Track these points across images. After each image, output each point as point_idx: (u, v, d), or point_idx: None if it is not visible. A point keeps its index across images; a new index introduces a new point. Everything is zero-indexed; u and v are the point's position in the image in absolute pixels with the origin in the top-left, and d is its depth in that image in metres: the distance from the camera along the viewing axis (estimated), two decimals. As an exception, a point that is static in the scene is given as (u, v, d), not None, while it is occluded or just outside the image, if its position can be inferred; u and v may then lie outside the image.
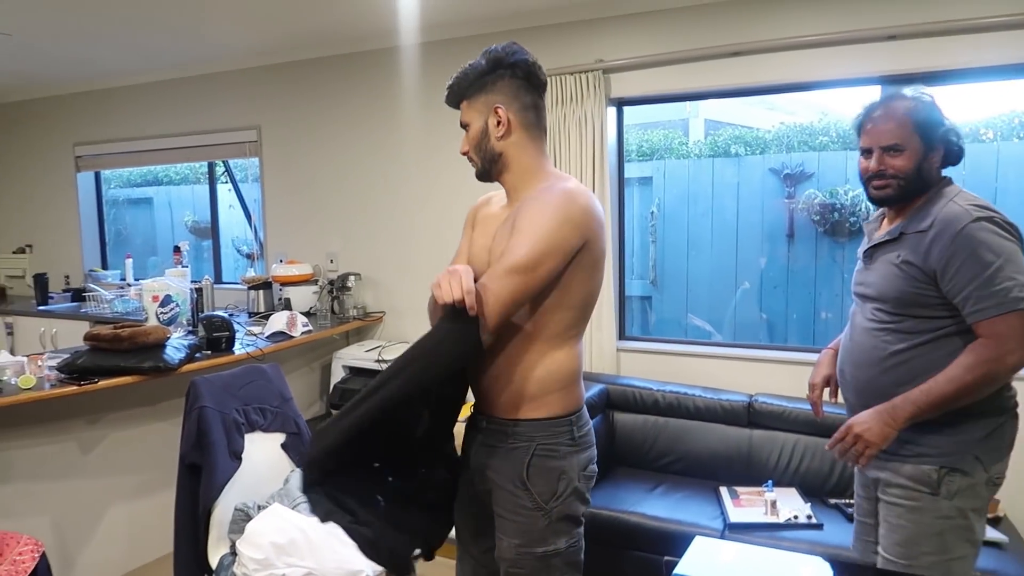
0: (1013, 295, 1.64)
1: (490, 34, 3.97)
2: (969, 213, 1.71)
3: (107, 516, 3.08)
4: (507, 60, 1.61)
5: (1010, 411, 1.80)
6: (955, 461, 1.75)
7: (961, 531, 1.76)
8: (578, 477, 1.61)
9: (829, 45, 3.25)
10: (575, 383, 1.65)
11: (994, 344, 1.66)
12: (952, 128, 1.83)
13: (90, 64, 4.88)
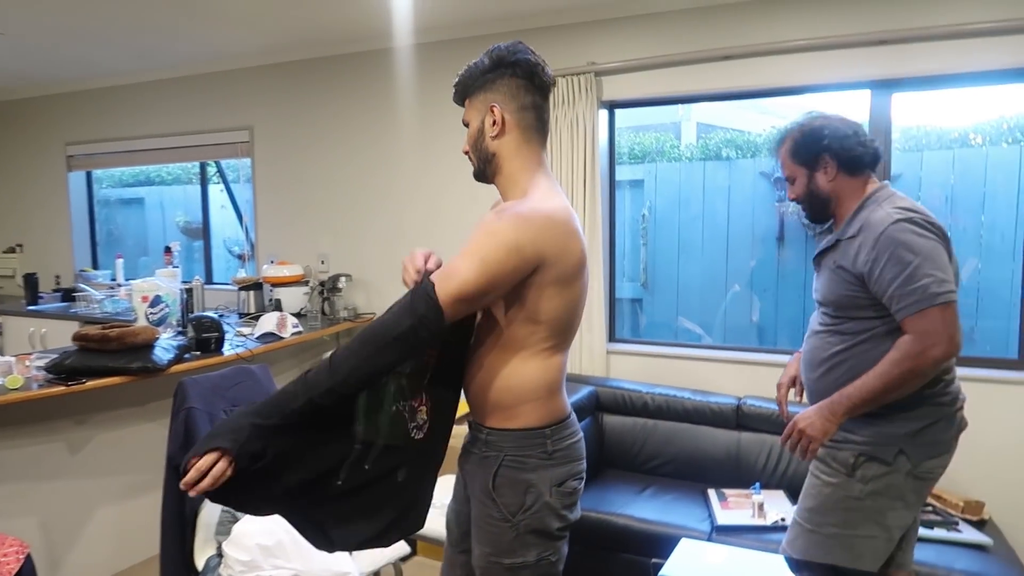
0: (931, 291, 1.73)
1: (483, 36, 3.98)
2: (890, 216, 1.81)
3: (94, 517, 3.07)
4: (509, 59, 1.58)
5: (946, 411, 1.87)
6: (875, 451, 1.86)
7: (870, 512, 1.86)
8: (550, 492, 1.55)
9: (820, 49, 3.27)
10: (552, 395, 1.59)
11: (917, 339, 1.74)
12: (832, 141, 1.94)
13: (82, 63, 4.87)
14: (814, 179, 1.99)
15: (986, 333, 3.42)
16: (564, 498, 1.57)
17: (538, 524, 1.54)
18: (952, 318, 1.74)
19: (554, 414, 1.59)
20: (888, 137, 3.28)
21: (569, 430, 1.62)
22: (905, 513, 1.89)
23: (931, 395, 1.84)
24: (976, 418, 3.11)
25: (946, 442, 1.88)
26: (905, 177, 3.46)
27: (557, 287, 1.51)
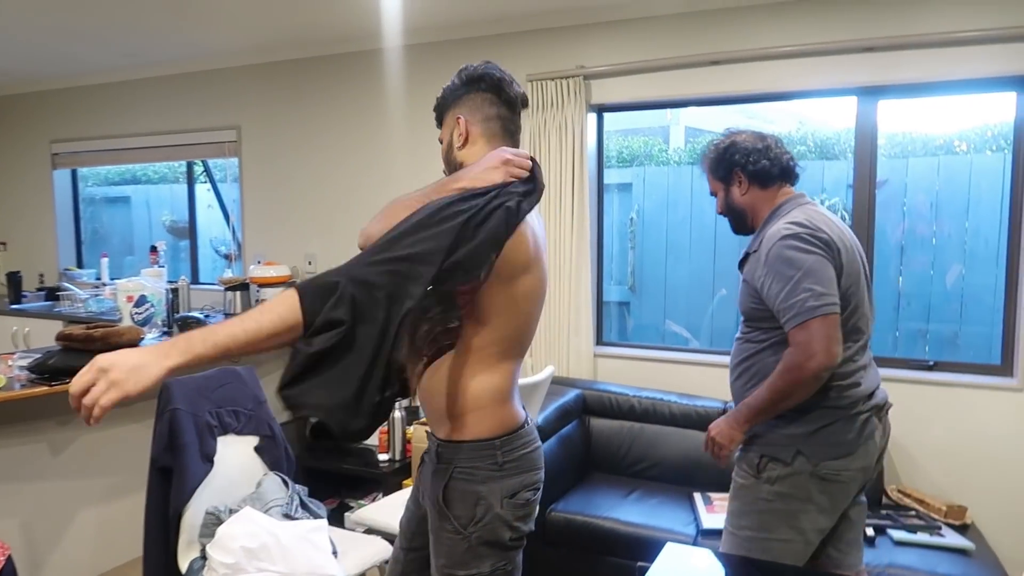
0: (808, 304, 1.80)
1: (472, 38, 3.98)
2: (779, 232, 1.90)
3: (77, 518, 3.04)
4: (475, 75, 1.65)
5: (844, 411, 1.90)
6: (775, 451, 1.92)
7: (781, 515, 1.91)
8: (500, 503, 1.52)
9: (807, 56, 3.29)
10: (502, 405, 1.55)
11: (798, 351, 1.81)
12: (741, 156, 2.06)
13: (69, 61, 4.83)
14: (730, 193, 2.10)
15: (970, 339, 3.45)
16: (516, 509, 1.55)
17: (490, 536, 1.53)
18: (828, 331, 1.80)
19: (505, 424, 1.55)
20: (874, 143, 3.31)
21: (522, 440, 1.58)
22: (819, 516, 1.91)
23: (825, 400, 1.89)
24: (959, 423, 3.15)
25: (847, 443, 1.90)
26: (891, 183, 3.49)
27: (500, 283, 1.47)
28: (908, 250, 3.51)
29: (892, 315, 3.57)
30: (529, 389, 2.50)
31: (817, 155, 4.00)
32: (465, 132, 1.64)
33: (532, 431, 1.63)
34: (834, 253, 1.88)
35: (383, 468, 3.48)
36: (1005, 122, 3.29)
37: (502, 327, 1.53)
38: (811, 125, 4.06)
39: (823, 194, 3.81)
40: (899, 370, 3.26)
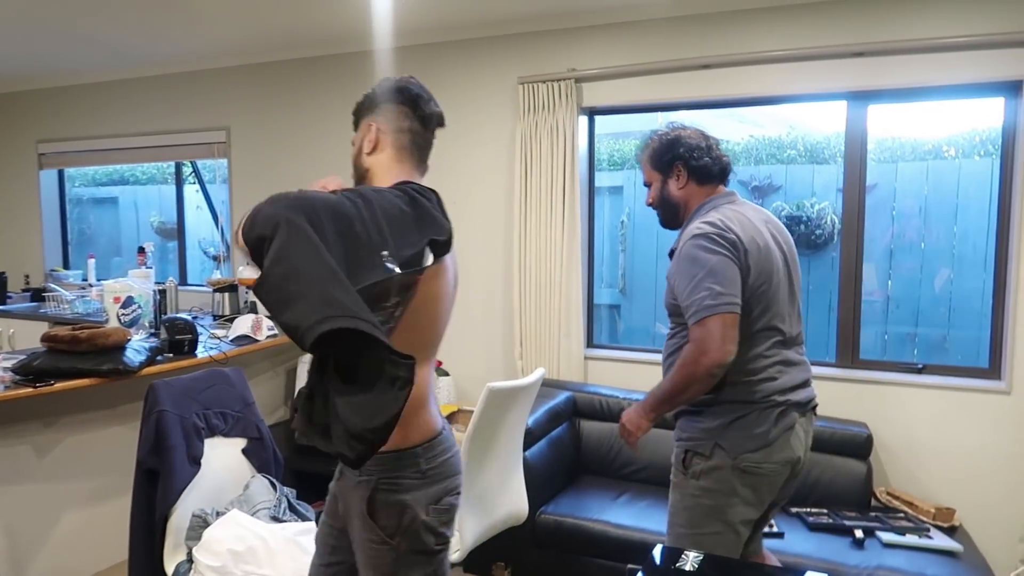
0: (706, 303, 1.87)
1: (464, 40, 3.98)
2: (692, 231, 1.97)
3: (61, 522, 3.00)
4: (395, 87, 1.71)
5: (755, 405, 1.95)
6: (696, 446, 1.99)
7: (708, 509, 1.97)
8: (426, 511, 1.52)
9: (797, 60, 3.30)
10: (419, 412, 1.54)
11: (694, 347, 1.89)
12: (686, 151, 2.09)
13: (56, 60, 4.79)
14: (667, 185, 2.13)
15: (958, 343, 3.47)
16: (440, 515, 1.55)
17: (417, 544, 1.53)
18: (724, 329, 1.85)
19: (424, 432, 1.55)
20: (864, 148, 3.32)
21: (442, 446, 1.58)
22: (745, 508, 1.97)
23: (735, 393, 1.96)
24: (948, 426, 3.17)
25: (763, 436, 1.94)
26: (880, 188, 3.50)
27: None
28: (897, 254, 3.53)
29: (881, 318, 3.59)
30: (519, 391, 2.49)
31: (807, 159, 4.01)
32: (375, 139, 1.67)
33: (450, 436, 1.63)
34: (740, 254, 1.92)
35: (372, 471, 3.46)
36: (993, 127, 3.31)
37: (415, 332, 1.50)
38: (801, 129, 4.08)
39: (813, 198, 3.82)
40: (888, 373, 3.27)
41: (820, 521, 2.83)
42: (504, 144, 3.92)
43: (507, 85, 3.87)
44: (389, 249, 1.31)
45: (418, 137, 1.70)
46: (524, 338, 3.82)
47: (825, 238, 3.79)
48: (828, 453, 3.09)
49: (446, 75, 4.05)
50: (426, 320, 1.53)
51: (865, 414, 3.24)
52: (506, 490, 2.63)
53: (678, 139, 2.11)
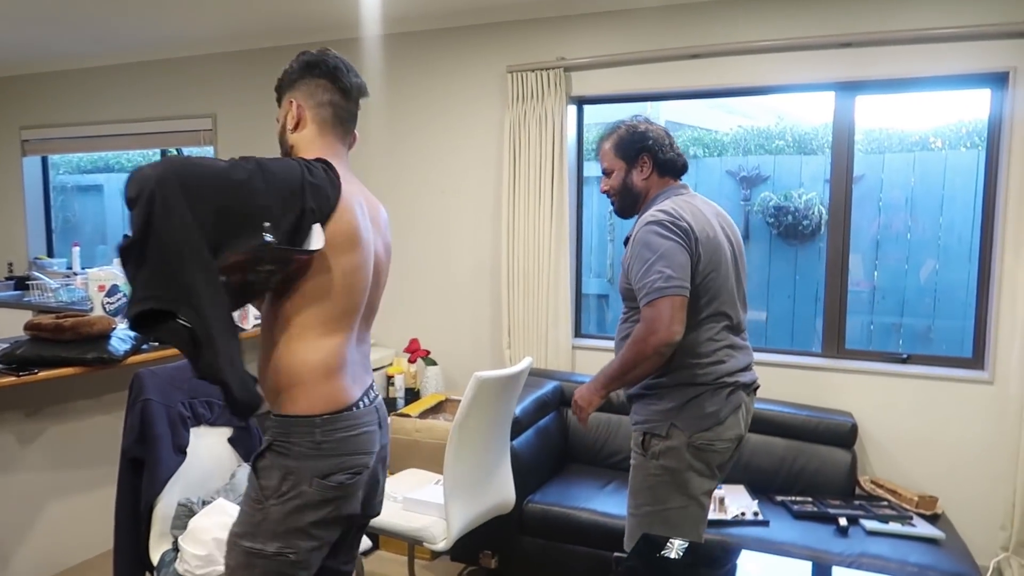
0: (656, 285, 1.95)
1: (453, 28, 3.95)
2: (646, 219, 2.05)
3: (46, 511, 2.99)
4: (312, 61, 1.69)
5: (707, 386, 2.06)
6: (653, 427, 2.07)
7: (670, 486, 2.06)
8: (311, 482, 1.48)
9: (786, 50, 3.30)
10: (325, 381, 1.52)
11: (643, 327, 1.98)
12: (653, 144, 2.16)
13: (39, 46, 4.72)
14: (631, 175, 2.18)
15: (942, 332, 3.50)
16: (326, 491, 1.50)
17: (288, 515, 1.48)
18: (672, 311, 1.94)
19: (328, 402, 1.51)
20: (851, 139, 3.33)
21: (347, 422, 1.54)
22: (702, 480, 2.07)
23: (688, 375, 2.05)
24: (931, 415, 3.19)
25: (715, 415, 2.05)
26: (867, 179, 3.52)
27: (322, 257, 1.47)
28: (883, 245, 3.55)
29: (867, 308, 3.61)
30: (507, 381, 2.49)
31: (795, 150, 4.02)
32: (297, 116, 1.67)
33: (364, 415, 1.58)
34: (692, 242, 2.01)
35: (360, 460, 3.46)
36: (979, 119, 3.33)
37: (323, 300, 1.51)
38: (789, 120, 4.09)
39: (801, 188, 3.84)
40: (873, 363, 3.29)
41: (805, 509, 2.85)
42: (492, 133, 3.91)
43: (496, 73, 3.86)
44: (273, 220, 1.37)
45: (340, 110, 1.70)
46: (512, 327, 3.82)
47: (812, 228, 3.80)
48: (813, 442, 3.11)
49: (434, 63, 4.03)
50: (336, 292, 1.52)
51: (850, 403, 3.27)
52: (493, 479, 2.64)
53: (647, 132, 2.18)
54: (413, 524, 2.49)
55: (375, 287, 1.67)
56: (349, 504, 1.56)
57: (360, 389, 1.60)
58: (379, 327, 4.27)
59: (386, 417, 1.71)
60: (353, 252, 1.53)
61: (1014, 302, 2.99)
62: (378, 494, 1.71)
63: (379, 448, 1.64)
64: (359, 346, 1.65)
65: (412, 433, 3.30)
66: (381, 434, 1.66)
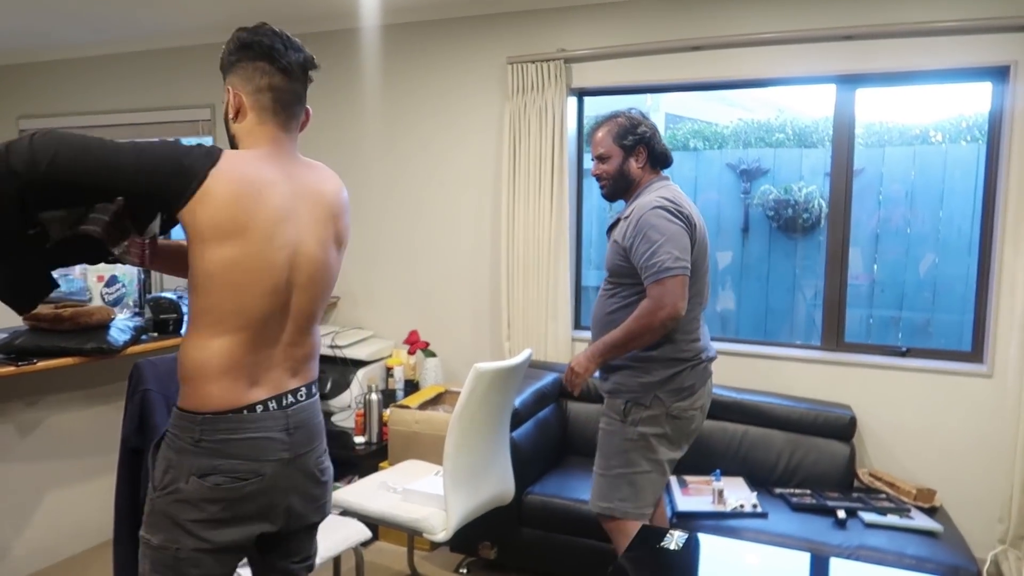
0: (666, 265, 2.14)
1: (453, 19, 3.94)
2: (651, 203, 2.23)
3: (45, 501, 2.99)
4: (246, 41, 1.52)
5: (688, 362, 2.30)
6: (638, 397, 2.29)
7: (643, 451, 2.30)
8: (187, 479, 1.44)
9: (787, 43, 3.30)
10: (209, 382, 1.45)
11: (651, 303, 2.16)
12: (650, 136, 2.35)
13: (37, 35, 4.69)
14: (627, 162, 2.36)
15: (941, 326, 3.51)
16: (204, 491, 1.44)
17: (169, 508, 1.46)
18: (678, 288, 2.15)
19: (207, 403, 1.46)
20: (852, 132, 3.33)
21: (234, 425, 1.47)
22: (670, 449, 2.33)
23: (675, 350, 2.28)
24: (930, 409, 3.20)
25: (690, 388, 2.30)
26: (867, 172, 3.51)
27: (199, 247, 1.40)
28: (883, 238, 3.55)
29: (867, 302, 3.61)
30: (506, 372, 2.49)
31: (795, 143, 4.02)
32: (236, 105, 1.53)
33: (261, 420, 1.49)
34: (691, 228, 2.24)
35: (359, 451, 3.47)
36: (980, 113, 3.33)
37: (208, 298, 1.44)
38: (790, 113, 4.08)
39: (801, 181, 3.83)
40: (872, 356, 3.30)
41: (803, 502, 2.86)
42: (492, 124, 3.90)
43: (496, 65, 3.84)
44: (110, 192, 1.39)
45: (282, 94, 1.53)
46: (512, 320, 3.82)
47: (812, 222, 3.80)
48: (812, 435, 3.12)
49: (434, 54, 4.01)
50: (218, 289, 1.42)
51: (849, 396, 3.27)
52: (493, 470, 2.64)
53: (644, 123, 2.36)
54: (413, 515, 2.49)
55: (301, 289, 1.53)
56: (242, 509, 1.48)
57: (266, 393, 1.51)
58: (378, 319, 4.28)
59: (312, 426, 1.60)
60: (231, 245, 1.40)
61: (1013, 296, 2.99)
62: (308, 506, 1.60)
63: (292, 456, 1.53)
64: (285, 349, 1.54)
65: (411, 425, 3.31)
66: (296, 443, 1.54)
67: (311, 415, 1.61)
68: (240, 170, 1.43)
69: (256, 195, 1.43)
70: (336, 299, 4.36)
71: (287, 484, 1.54)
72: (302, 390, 1.59)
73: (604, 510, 2.34)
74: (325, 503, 1.67)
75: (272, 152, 1.53)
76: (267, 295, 1.47)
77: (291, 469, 1.54)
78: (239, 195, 1.41)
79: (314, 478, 1.61)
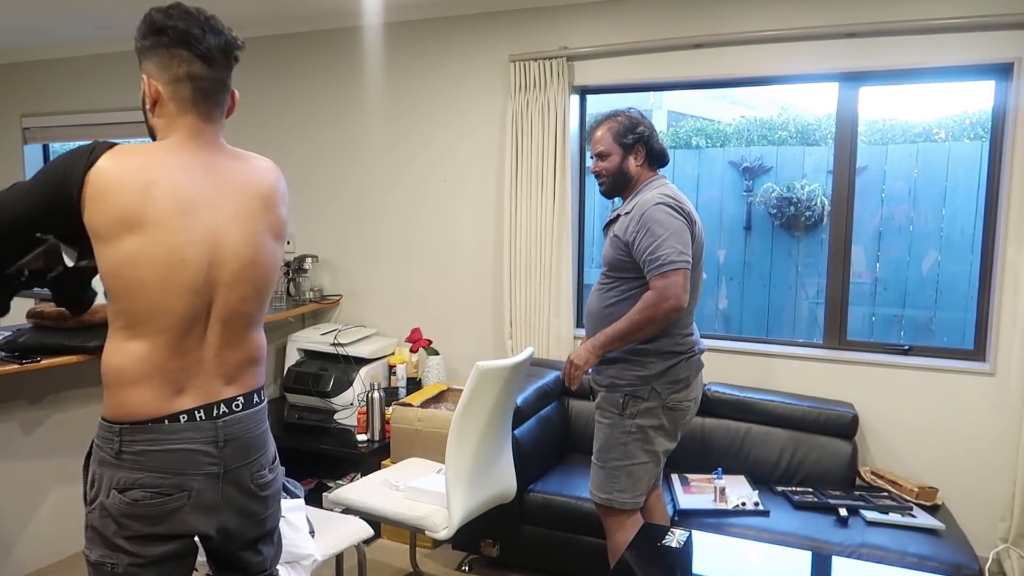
0: (671, 259, 2.21)
1: (455, 16, 3.93)
2: (653, 199, 2.29)
3: (49, 498, 3.00)
4: (159, 24, 1.38)
5: (683, 355, 2.37)
6: (636, 391, 2.34)
7: (641, 443, 2.36)
8: (108, 492, 1.37)
9: (790, 40, 3.29)
10: (125, 388, 1.37)
11: (656, 294, 2.22)
12: (649, 135, 2.41)
13: (40, 33, 4.70)
14: (627, 160, 2.41)
15: (944, 324, 3.50)
16: (124, 507, 1.36)
17: (97, 524, 1.40)
18: (682, 281, 2.21)
19: (126, 411, 1.37)
20: (855, 130, 3.32)
21: (154, 435, 1.38)
22: (666, 440, 2.40)
23: (671, 344, 2.34)
24: (932, 406, 3.20)
25: (685, 380, 2.37)
26: (870, 169, 3.51)
27: (99, 244, 1.34)
28: (886, 236, 3.55)
29: (869, 300, 3.61)
30: (508, 370, 2.49)
31: (798, 140, 4.02)
32: (153, 96, 1.41)
33: (184, 431, 1.40)
34: (692, 226, 2.31)
35: (361, 448, 3.47)
36: (983, 110, 3.32)
37: (119, 301, 1.36)
38: (793, 111, 4.08)
39: (803, 179, 3.83)
40: (875, 354, 3.30)
41: (805, 500, 2.86)
42: (495, 122, 3.90)
43: (498, 62, 3.84)
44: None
45: (203, 82, 1.41)
46: (514, 318, 3.82)
47: (815, 220, 3.80)
48: (814, 433, 3.12)
49: (436, 52, 4.01)
50: (124, 289, 1.35)
51: (851, 394, 3.27)
52: (495, 468, 2.65)
53: (642, 122, 2.42)
54: (415, 513, 2.50)
55: (227, 287, 1.42)
56: (166, 525, 1.39)
57: (193, 401, 1.41)
58: (381, 316, 4.28)
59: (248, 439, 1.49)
60: (129, 240, 1.32)
61: (1016, 294, 2.99)
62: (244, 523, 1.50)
63: (222, 471, 1.43)
64: (217, 353, 1.44)
65: (414, 422, 3.31)
66: (227, 456, 1.44)
67: (249, 427, 1.49)
68: (127, 163, 1.34)
69: (148, 186, 1.33)
70: (339, 297, 4.36)
71: (217, 500, 1.44)
72: (239, 399, 1.47)
73: (604, 501, 2.41)
74: (265, 518, 1.56)
75: (186, 142, 1.42)
76: (184, 294, 1.36)
77: (223, 484, 1.44)
78: (126, 187, 1.31)
79: (251, 493, 1.49)
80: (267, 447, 1.55)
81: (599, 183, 2.49)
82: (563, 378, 2.43)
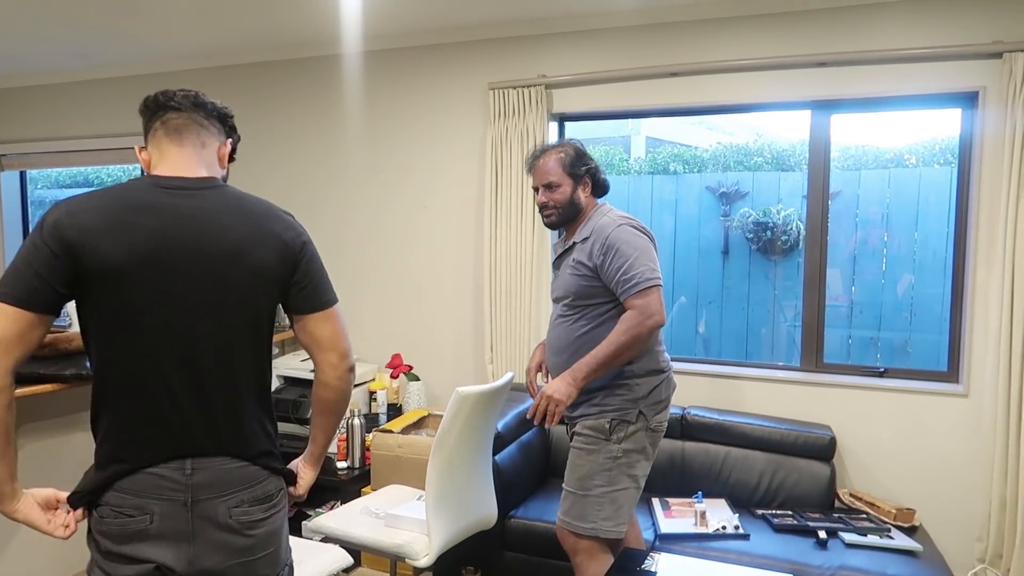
0: (646, 276, 2.23)
1: (434, 45, 3.98)
2: (615, 221, 2.32)
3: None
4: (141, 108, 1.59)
5: (664, 373, 2.38)
6: (624, 415, 2.31)
7: (624, 468, 2.33)
8: (91, 508, 1.50)
9: (763, 69, 3.36)
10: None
11: (637, 312, 2.22)
12: (596, 167, 2.45)
13: (16, 60, 4.69)
14: (576, 191, 2.41)
15: (918, 346, 3.55)
16: (94, 521, 1.47)
17: (88, 536, 1.50)
18: (660, 298, 2.24)
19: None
20: (828, 156, 3.39)
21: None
22: (646, 464, 2.39)
23: (653, 362, 2.34)
24: (908, 428, 3.23)
25: (666, 400, 2.39)
26: (844, 195, 3.58)
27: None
28: (860, 259, 3.61)
29: (845, 322, 3.66)
30: (489, 395, 2.49)
31: (773, 166, 4.08)
32: (145, 159, 1.56)
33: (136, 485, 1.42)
34: (654, 243, 2.34)
35: (341, 476, 3.44)
36: (951, 137, 3.40)
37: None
38: (768, 137, 4.15)
39: (779, 204, 3.89)
40: (851, 376, 3.34)
41: (785, 523, 2.88)
42: (475, 149, 3.94)
43: (478, 90, 3.89)
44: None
45: (171, 121, 1.54)
46: (495, 343, 3.83)
47: (791, 244, 3.85)
48: (792, 455, 3.14)
49: (416, 80, 4.05)
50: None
51: (829, 417, 3.30)
52: (476, 494, 2.64)
53: (586, 154, 2.45)
54: (395, 540, 2.48)
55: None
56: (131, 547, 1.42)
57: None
58: (361, 342, 4.27)
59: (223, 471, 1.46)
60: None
61: (987, 316, 3.05)
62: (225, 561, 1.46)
63: (189, 500, 1.43)
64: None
65: (394, 449, 3.30)
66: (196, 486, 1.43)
67: (225, 460, 1.47)
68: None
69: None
70: (319, 323, 4.34)
71: (185, 530, 1.42)
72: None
73: (587, 531, 2.30)
74: (255, 561, 1.49)
75: (164, 168, 1.50)
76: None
77: (192, 515, 1.42)
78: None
79: (231, 529, 1.45)
80: (254, 485, 1.50)
81: (545, 215, 2.43)
82: (534, 415, 2.30)
